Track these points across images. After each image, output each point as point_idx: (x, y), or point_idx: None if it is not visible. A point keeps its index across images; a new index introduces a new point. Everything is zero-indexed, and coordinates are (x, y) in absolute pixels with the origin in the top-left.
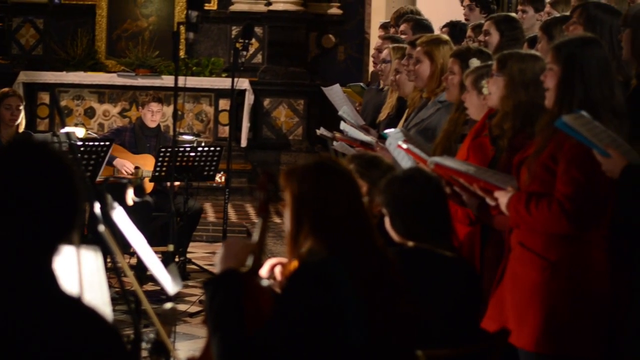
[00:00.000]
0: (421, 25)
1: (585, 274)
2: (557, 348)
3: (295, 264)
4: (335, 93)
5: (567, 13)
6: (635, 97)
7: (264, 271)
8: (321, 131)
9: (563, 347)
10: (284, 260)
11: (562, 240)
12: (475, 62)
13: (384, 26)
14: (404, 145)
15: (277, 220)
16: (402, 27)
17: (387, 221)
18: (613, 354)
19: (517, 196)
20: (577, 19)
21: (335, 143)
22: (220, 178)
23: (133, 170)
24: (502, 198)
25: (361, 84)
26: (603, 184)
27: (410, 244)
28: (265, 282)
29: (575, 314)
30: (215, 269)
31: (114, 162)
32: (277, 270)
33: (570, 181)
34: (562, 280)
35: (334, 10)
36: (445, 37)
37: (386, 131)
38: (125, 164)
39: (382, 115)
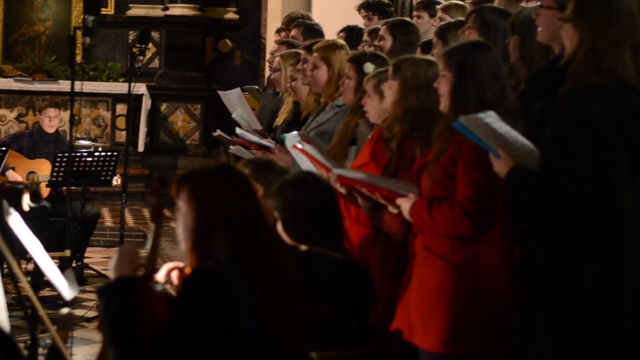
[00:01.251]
0: (312, 30)
1: (489, 276)
2: (462, 348)
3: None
4: (233, 97)
5: (461, 18)
6: (520, 100)
7: (160, 275)
8: (218, 133)
9: (468, 348)
10: (180, 264)
11: (465, 242)
12: (369, 67)
13: (279, 31)
14: (299, 146)
15: (173, 224)
16: (292, 33)
17: (279, 225)
18: (520, 354)
19: (419, 202)
20: (472, 24)
21: (232, 147)
22: (117, 182)
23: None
24: (405, 205)
25: (256, 87)
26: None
27: (303, 247)
28: (160, 287)
29: (480, 315)
30: (110, 276)
31: (7, 173)
32: (174, 274)
33: (471, 183)
34: (467, 282)
35: (231, 15)
36: (342, 42)
37: (285, 135)
38: (17, 178)
39: (279, 120)
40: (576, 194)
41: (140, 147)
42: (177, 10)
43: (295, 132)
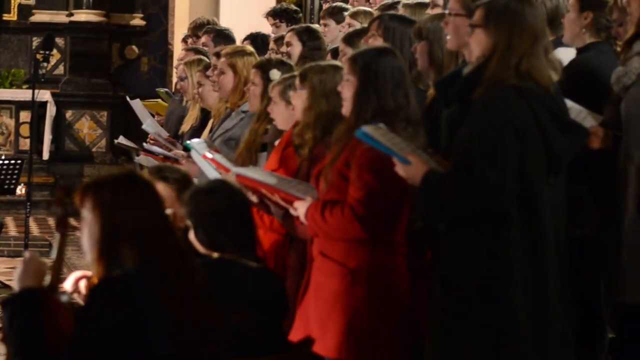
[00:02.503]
0: (222, 36)
1: (384, 280)
2: (359, 354)
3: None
4: (138, 106)
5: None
6: (432, 107)
7: (68, 285)
8: (119, 140)
9: (365, 353)
10: (88, 273)
11: (360, 247)
12: (275, 74)
13: (186, 38)
14: (209, 155)
15: (78, 233)
16: (203, 39)
17: (191, 233)
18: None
19: (314, 205)
20: (376, 31)
21: (137, 157)
22: (21, 191)
23: None
24: (301, 208)
25: (166, 89)
26: (396, 189)
27: (215, 255)
28: (65, 298)
29: (376, 320)
30: (14, 287)
31: None
32: (82, 283)
33: (362, 186)
34: (362, 287)
35: (137, 21)
36: (250, 48)
37: (190, 141)
38: None
39: (186, 127)
40: (506, 189)
41: (45, 155)
42: (82, 16)
43: (200, 139)
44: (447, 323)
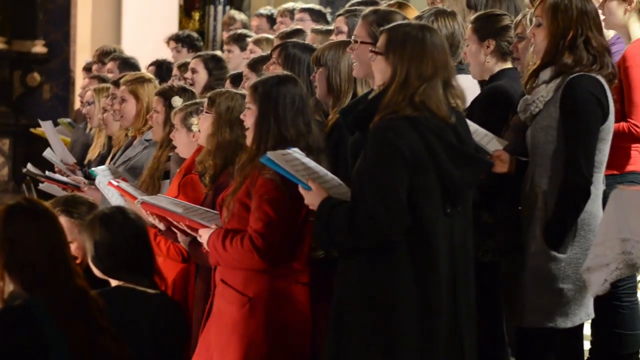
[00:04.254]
0: (128, 64)
1: (282, 308)
2: None
3: None
4: (48, 129)
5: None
6: (332, 133)
7: None
8: (28, 168)
9: None
10: None
11: (260, 275)
12: (177, 101)
13: (89, 66)
14: (115, 183)
15: None
16: (109, 66)
17: (90, 260)
18: None
19: (216, 233)
20: (277, 59)
21: (41, 184)
22: None
23: None
24: (204, 235)
25: (69, 120)
26: (295, 219)
27: (114, 282)
28: None
29: (273, 348)
30: None
31: None
32: None
33: (261, 217)
34: (260, 316)
35: (39, 48)
36: (150, 75)
37: (94, 169)
38: None
39: (93, 154)
40: (391, 222)
41: None
42: None
43: (104, 167)
44: (337, 350)
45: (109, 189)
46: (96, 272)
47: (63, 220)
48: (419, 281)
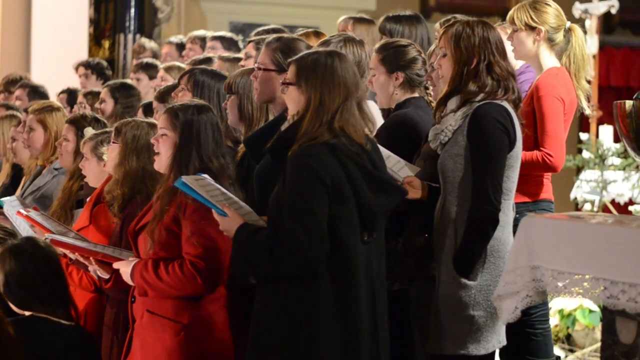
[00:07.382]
0: (37, 92)
1: (213, 334)
2: None
3: None
4: None
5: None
6: (244, 161)
7: None
8: None
9: None
10: None
11: (191, 302)
12: (89, 131)
13: None
14: (24, 212)
15: None
16: (17, 93)
17: (3, 294)
18: None
19: (142, 264)
20: (185, 85)
21: None
22: None
23: None
24: (124, 268)
25: None
26: (225, 243)
27: (27, 313)
28: None
29: None
30: None
31: None
32: None
33: (200, 242)
34: (197, 341)
35: None
36: (58, 103)
37: (3, 199)
38: None
39: None
40: (312, 247)
41: None
42: None
43: (12, 197)
44: None
45: (18, 218)
46: (10, 304)
47: None
48: (340, 312)
